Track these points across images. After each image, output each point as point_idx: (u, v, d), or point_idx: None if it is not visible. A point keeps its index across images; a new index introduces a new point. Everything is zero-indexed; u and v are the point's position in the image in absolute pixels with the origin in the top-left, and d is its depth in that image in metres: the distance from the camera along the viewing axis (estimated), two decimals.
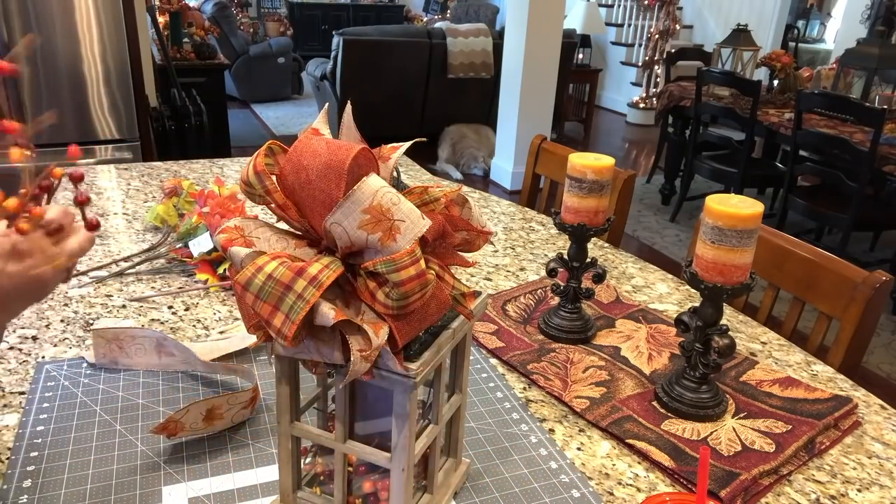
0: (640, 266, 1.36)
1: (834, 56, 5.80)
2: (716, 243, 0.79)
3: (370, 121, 5.05)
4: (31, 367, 0.91)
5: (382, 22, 8.79)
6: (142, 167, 1.81)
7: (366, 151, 0.54)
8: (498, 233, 1.49)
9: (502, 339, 1.04)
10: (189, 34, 4.00)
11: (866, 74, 3.50)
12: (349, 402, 0.60)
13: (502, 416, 0.87)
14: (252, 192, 0.56)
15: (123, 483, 0.72)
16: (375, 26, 5.09)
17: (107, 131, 2.55)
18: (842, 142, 3.04)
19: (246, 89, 6.72)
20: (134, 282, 1.16)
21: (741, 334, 1.11)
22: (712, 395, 0.87)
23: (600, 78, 7.08)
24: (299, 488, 0.67)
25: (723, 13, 7.20)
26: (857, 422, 0.90)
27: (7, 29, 2.28)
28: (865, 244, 3.95)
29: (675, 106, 4.27)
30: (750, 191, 4.38)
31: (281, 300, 0.50)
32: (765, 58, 4.06)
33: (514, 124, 4.47)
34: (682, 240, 3.97)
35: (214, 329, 1.02)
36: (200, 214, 1.22)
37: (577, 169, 0.97)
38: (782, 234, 1.25)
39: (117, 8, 2.41)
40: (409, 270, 0.51)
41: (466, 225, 0.60)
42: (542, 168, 1.81)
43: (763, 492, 0.76)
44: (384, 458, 0.60)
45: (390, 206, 0.51)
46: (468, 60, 5.19)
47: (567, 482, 0.76)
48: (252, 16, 8.56)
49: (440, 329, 0.60)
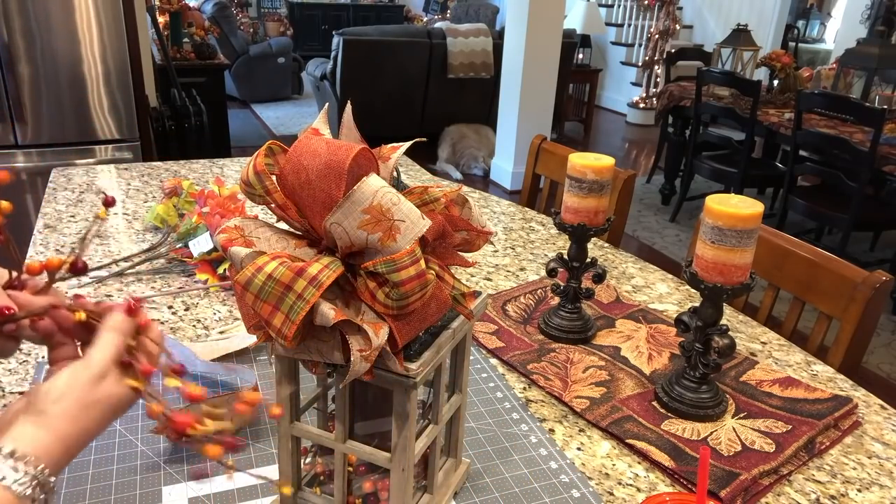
0: (640, 266, 1.36)
1: (834, 56, 5.80)
2: (716, 243, 0.79)
3: (370, 121, 5.05)
4: (31, 367, 0.91)
5: (382, 22, 8.79)
6: (142, 167, 1.81)
7: (366, 151, 0.54)
8: (498, 233, 1.49)
9: (502, 339, 1.04)
10: (189, 34, 4.00)
11: (866, 74, 3.50)
12: (349, 402, 0.60)
13: (502, 416, 0.87)
14: (252, 192, 0.56)
15: (123, 483, 0.72)
16: (375, 26, 5.09)
17: (107, 131, 2.55)
18: (842, 142, 3.04)
19: (246, 89, 6.72)
20: (134, 282, 1.16)
21: (741, 334, 1.11)
22: (712, 395, 0.87)
23: (600, 78, 7.08)
24: (299, 488, 0.67)
25: (723, 13, 7.19)
26: (857, 422, 0.89)
27: (7, 29, 2.28)
28: (865, 244, 3.95)
29: (675, 106, 4.26)
30: (750, 191, 4.38)
31: (281, 300, 0.50)
32: (765, 58, 4.05)
33: (514, 124, 4.47)
34: (682, 240, 3.97)
35: (214, 329, 1.02)
36: (200, 214, 1.22)
37: (577, 169, 0.97)
38: (782, 234, 1.25)
39: (117, 8, 2.41)
40: (409, 270, 0.51)
41: (466, 225, 0.60)
42: (542, 168, 1.81)
43: (763, 492, 0.76)
44: (384, 458, 0.60)
45: (390, 206, 0.51)
46: (468, 60, 5.19)
47: (567, 482, 0.76)
48: (252, 16, 8.56)
49: (440, 329, 0.60)
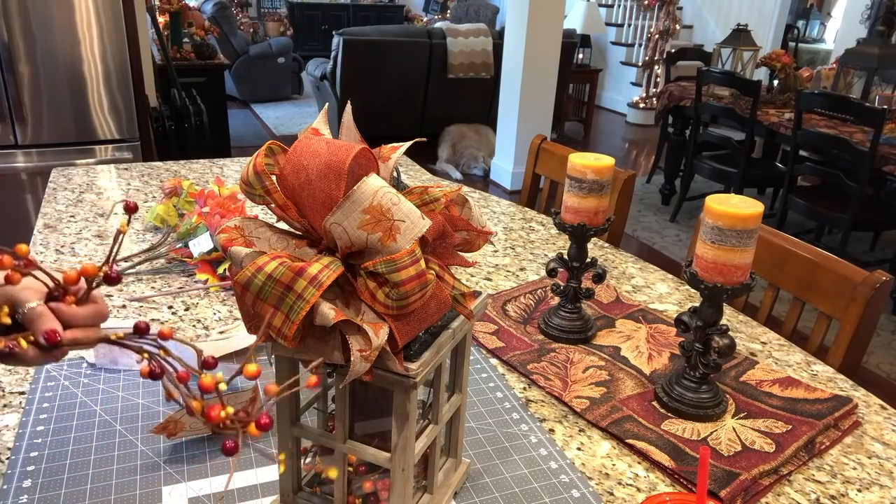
0: (640, 266, 1.36)
1: (834, 56, 5.80)
2: (716, 243, 0.79)
3: (370, 121, 5.05)
4: (31, 368, 0.91)
5: (382, 22, 8.79)
6: (142, 167, 1.81)
7: (366, 151, 0.54)
8: (498, 233, 1.49)
9: (502, 339, 1.04)
10: (189, 34, 4.00)
11: (866, 74, 3.50)
12: (349, 402, 0.60)
13: (502, 416, 0.87)
14: (252, 192, 0.56)
15: (123, 483, 0.72)
16: (375, 26, 5.09)
17: (107, 131, 2.55)
18: (842, 142, 3.04)
19: (246, 89, 6.72)
20: (134, 282, 1.16)
21: (741, 334, 1.11)
22: (712, 395, 0.87)
23: (600, 78, 7.08)
24: (299, 488, 0.67)
25: (723, 13, 7.19)
26: (857, 422, 0.89)
27: (7, 29, 2.28)
28: (865, 244, 3.95)
29: (675, 106, 4.26)
30: (750, 191, 4.38)
31: (281, 300, 0.50)
32: (765, 58, 4.05)
33: (514, 124, 4.47)
34: (682, 240, 3.97)
35: (214, 329, 1.02)
36: (200, 214, 1.22)
37: (577, 169, 0.97)
38: (782, 234, 1.25)
39: (117, 8, 2.41)
40: (409, 270, 0.51)
41: (466, 225, 0.60)
42: (542, 168, 1.81)
43: (763, 492, 0.76)
44: (384, 458, 0.60)
45: (390, 206, 0.51)
46: (468, 60, 5.19)
47: (567, 482, 0.76)
48: (252, 16, 8.56)
49: (440, 329, 0.60)
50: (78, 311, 0.54)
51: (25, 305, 0.52)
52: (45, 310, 0.53)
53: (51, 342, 0.51)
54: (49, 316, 0.52)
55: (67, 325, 0.54)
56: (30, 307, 0.52)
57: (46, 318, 0.52)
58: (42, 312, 0.52)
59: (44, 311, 0.52)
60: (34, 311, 0.52)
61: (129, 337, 0.51)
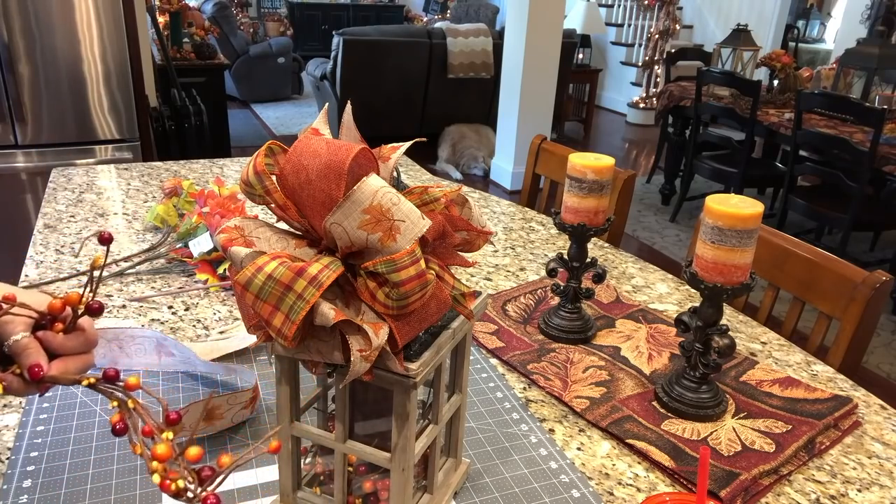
0: (640, 266, 1.36)
1: (834, 56, 5.80)
2: (716, 243, 0.79)
3: (370, 121, 5.05)
4: None
5: (382, 22, 8.79)
6: (142, 167, 1.81)
7: (366, 151, 0.54)
8: (498, 233, 1.49)
9: (502, 339, 1.04)
10: (189, 34, 4.00)
11: (866, 74, 3.50)
12: (349, 402, 0.60)
13: (502, 416, 0.87)
14: (252, 192, 0.56)
15: (123, 483, 0.72)
16: (375, 26, 5.09)
17: (107, 131, 2.55)
18: (842, 142, 3.04)
19: (246, 89, 6.72)
20: (134, 282, 1.16)
21: (741, 334, 1.11)
22: (712, 395, 0.87)
23: (600, 78, 7.09)
24: (299, 488, 0.67)
25: (723, 13, 7.20)
26: (857, 422, 0.89)
27: (7, 29, 2.28)
28: (865, 244, 3.95)
29: (675, 106, 4.26)
30: (750, 191, 4.38)
31: (281, 300, 0.50)
32: (765, 58, 4.06)
33: (514, 124, 4.47)
34: (682, 240, 3.97)
35: (214, 329, 1.02)
36: (200, 214, 1.22)
37: (577, 169, 0.97)
38: (782, 234, 1.25)
39: (117, 8, 2.41)
40: (409, 270, 0.51)
41: (466, 225, 0.60)
42: (542, 168, 1.81)
43: (763, 492, 0.76)
44: (384, 458, 0.60)
45: (390, 206, 0.51)
46: (468, 60, 5.19)
47: (567, 482, 0.76)
48: (252, 16, 8.56)
49: (440, 329, 0.60)
50: (65, 340, 0.54)
51: (10, 338, 0.52)
52: (32, 341, 0.52)
53: (34, 378, 0.51)
54: (35, 349, 0.52)
55: (55, 354, 0.54)
56: (14, 340, 0.52)
57: (31, 352, 0.52)
58: (28, 345, 0.52)
59: (29, 344, 0.52)
60: (19, 345, 0.52)
61: (100, 382, 0.51)
